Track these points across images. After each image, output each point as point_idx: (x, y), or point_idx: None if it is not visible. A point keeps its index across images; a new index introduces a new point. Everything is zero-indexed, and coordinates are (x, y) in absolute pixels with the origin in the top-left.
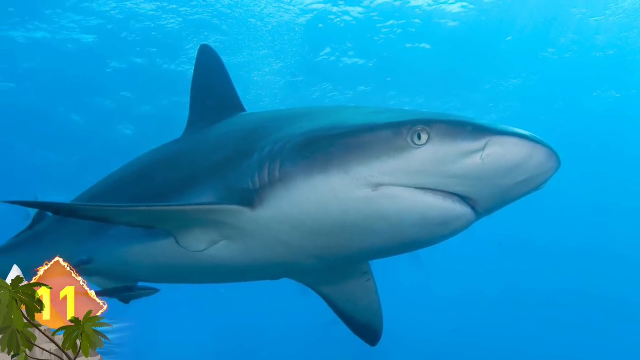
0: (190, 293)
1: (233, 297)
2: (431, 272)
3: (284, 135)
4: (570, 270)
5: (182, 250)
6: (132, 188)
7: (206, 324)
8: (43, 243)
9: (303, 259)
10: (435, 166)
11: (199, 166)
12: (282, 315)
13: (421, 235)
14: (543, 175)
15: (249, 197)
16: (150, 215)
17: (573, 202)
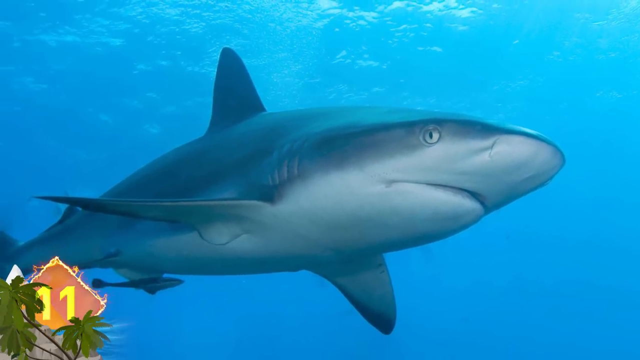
0: (213, 284)
1: (254, 288)
2: (442, 264)
3: (302, 134)
4: (574, 262)
5: (205, 243)
6: (157, 184)
7: (228, 313)
8: (73, 236)
9: (320, 251)
10: (446, 163)
11: (221, 163)
12: (300, 305)
13: (432, 229)
14: (548, 172)
15: (268, 192)
16: (175, 210)
17: (577, 197)
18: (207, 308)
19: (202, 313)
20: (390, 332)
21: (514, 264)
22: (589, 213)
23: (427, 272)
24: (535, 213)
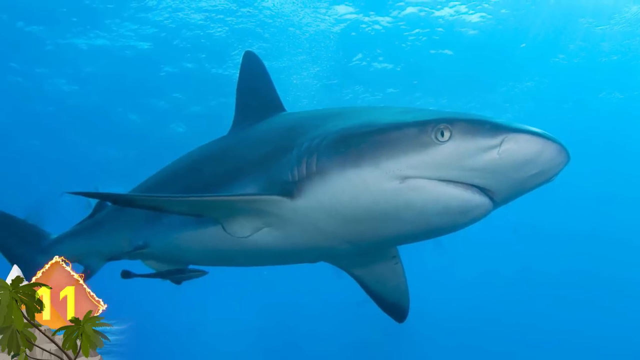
0: (235, 275)
1: (274, 279)
2: (453, 256)
3: (320, 133)
4: (578, 253)
5: (229, 236)
6: (183, 180)
7: (250, 302)
8: (103, 230)
9: (337, 244)
10: (457, 160)
11: (243, 160)
12: (318, 295)
13: (444, 223)
14: (554, 169)
15: (288, 188)
16: (200, 205)
17: (581, 193)
18: (230, 298)
19: (225, 302)
20: (404, 321)
21: (521, 255)
22: (592, 207)
23: (438, 264)
24: (542, 207)
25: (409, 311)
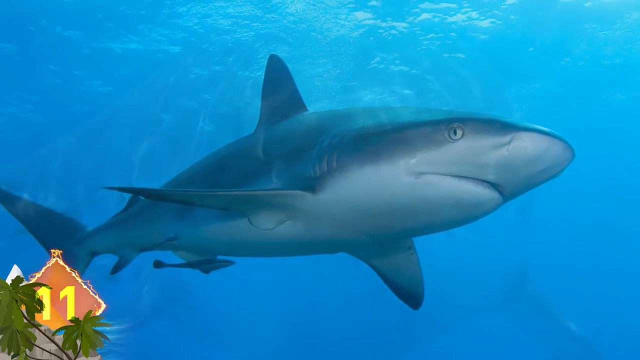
0: (260, 265)
1: (297, 268)
2: (464, 246)
3: (340, 131)
4: (582, 242)
5: (254, 228)
6: (212, 175)
7: (274, 291)
8: (136, 222)
9: (356, 236)
10: (469, 157)
11: (268, 157)
12: (338, 283)
13: (457, 216)
14: (559, 165)
15: (310, 183)
16: (228, 199)
17: (585, 186)
18: (255, 286)
19: (251, 291)
20: (419, 308)
21: (528, 245)
22: (596, 200)
23: (451, 255)
24: (548, 201)
25: (424, 298)
